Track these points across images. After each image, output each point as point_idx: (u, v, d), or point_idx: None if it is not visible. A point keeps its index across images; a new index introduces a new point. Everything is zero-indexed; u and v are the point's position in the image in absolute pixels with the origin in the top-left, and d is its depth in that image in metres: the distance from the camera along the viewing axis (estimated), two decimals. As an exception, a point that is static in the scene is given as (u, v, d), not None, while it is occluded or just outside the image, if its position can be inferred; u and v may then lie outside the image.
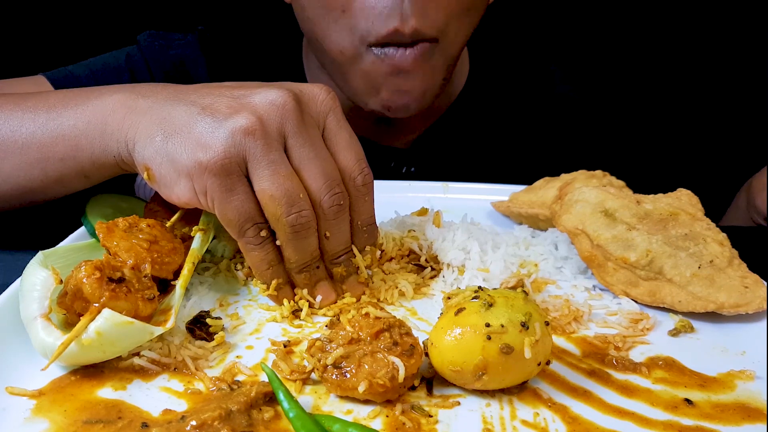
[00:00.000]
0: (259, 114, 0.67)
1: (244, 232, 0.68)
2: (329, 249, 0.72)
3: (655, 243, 0.74)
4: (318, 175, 0.69)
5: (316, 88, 0.74)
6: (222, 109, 0.68)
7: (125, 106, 0.73)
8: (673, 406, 0.57)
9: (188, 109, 0.69)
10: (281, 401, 0.54)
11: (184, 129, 0.67)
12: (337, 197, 0.69)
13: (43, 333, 0.58)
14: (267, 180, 0.66)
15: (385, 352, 0.57)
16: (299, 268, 0.72)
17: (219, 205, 0.67)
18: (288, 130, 0.69)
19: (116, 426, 0.53)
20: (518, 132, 1.33)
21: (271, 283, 0.72)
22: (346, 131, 0.74)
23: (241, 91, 0.70)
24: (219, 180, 0.66)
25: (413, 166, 1.29)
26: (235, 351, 0.65)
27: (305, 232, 0.69)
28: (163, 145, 0.68)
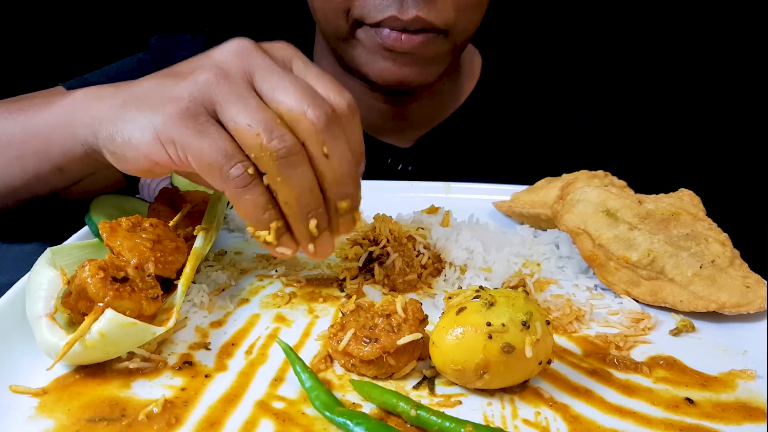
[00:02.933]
0: (220, 62, 0.65)
1: (227, 173, 0.61)
2: (335, 171, 0.63)
3: (657, 243, 0.75)
4: (293, 95, 0.62)
5: (279, 43, 0.71)
6: (182, 71, 0.66)
7: (92, 94, 0.74)
8: (674, 406, 0.57)
9: (149, 81, 0.68)
10: (298, 373, 0.57)
11: (146, 95, 0.65)
12: (321, 107, 0.62)
13: (48, 332, 0.58)
14: (238, 114, 0.61)
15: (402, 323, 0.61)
16: (303, 211, 0.63)
17: (193, 152, 0.61)
18: (253, 68, 0.64)
19: (120, 424, 0.53)
20: (521, 136, 1.33)
21: (270, 228, 0.63)
22: (315, 68, 0.69)
23: (201, 55, 0.68)
24: (186, 123, 0.61)
25: (411, 164, 1.29)
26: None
27: (294, 158, 0.61)
28: (124, 112, 0.66)
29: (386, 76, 1.08)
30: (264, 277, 0.80)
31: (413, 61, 1.06)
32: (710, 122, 1.93)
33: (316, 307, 0.74)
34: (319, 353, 0.64)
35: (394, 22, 1.00)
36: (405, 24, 1.00)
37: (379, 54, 1.05)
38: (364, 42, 1.06)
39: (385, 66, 1.07)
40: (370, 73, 1.09)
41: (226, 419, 0.54)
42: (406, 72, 1.07)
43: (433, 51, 1.05)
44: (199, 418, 0.54)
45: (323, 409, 0.54)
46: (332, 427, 0.53)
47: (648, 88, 1.94)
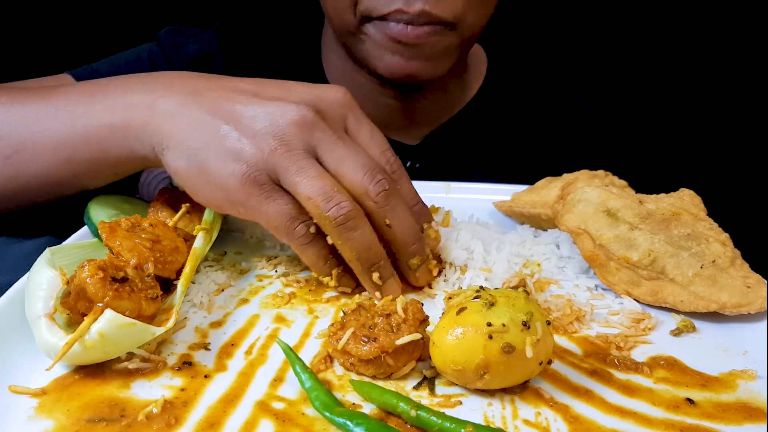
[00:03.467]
0: (283, 133, 0.70)
1: (292, 232, 0.70)
2: (398, 238, 0.72)
3: (658, 243, 0.74)
4: (356, 168, 0.70)
5: (333, 91, 0.76)
6: (248, 123, 0.70)
7: (145, 108, 0.76)
8: (675, 406, 0.57)
9: (213, 121, 0.71)
10: (297, 373, 0.57)
11: (213, 142, 0.70)
12: (381, 183, 0.70)
13: (47, 333, 0.58)
14: (299, 185, 0.68)
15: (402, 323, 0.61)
16: (363, 266, 0.71)
17: (261, 214, 0.69)
18: (314, 142, 0.71)
19: (120, 424, 0.53)
20: (527, 135, 1.33)
21: (331, 275, 0.73)
22: (367, 126, 0.77)
23: (264, 104, 0.72)
24: (254, 190, 0.68)
25: (419, 162, 1.29)
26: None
27: (352, 222, 0.68)
28: (195, 158, 0.71)
29: (394, 70, 1.08)
30: (264, 277, 0.80)
31: (421, 55, 1.06)
32: (710, 122, 1.93)
33: (316, 307, 0.74)
34: (319, 353, 0.64)
35: (400, 15, 1.00)
36: (411, 17, 1.00)
37: (387, 47, 1.06)
38: (372, 35, 1.06)
39: (393, 59, 1.07)
40: (379, 66, 1.09)
41: (225, 420, 0.54)
42: (414, 65, 1.07)
43: (441, 44, 1.05)
44: (198, 419, 0.54)
45: (323, 410, 0.54)
46: (332, 427, 0.53)
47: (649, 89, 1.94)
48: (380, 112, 1.24)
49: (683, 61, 1.94)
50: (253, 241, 0.90)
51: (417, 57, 1.06)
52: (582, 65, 1.78)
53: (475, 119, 1.31)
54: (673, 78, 1.95)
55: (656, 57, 1.95)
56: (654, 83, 1.95)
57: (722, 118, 1.93)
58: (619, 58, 1.93)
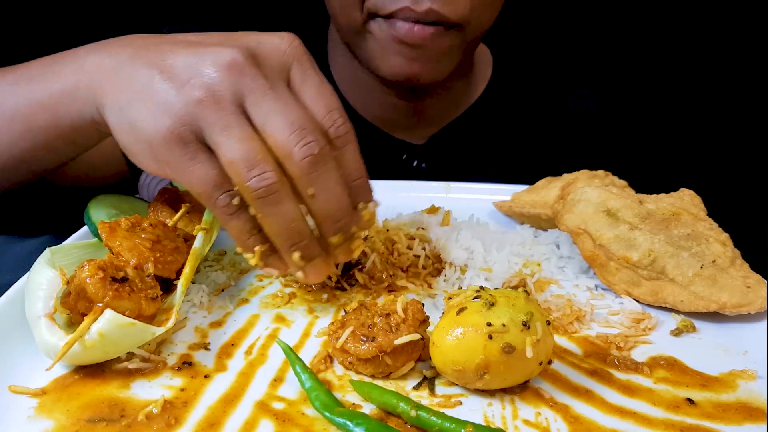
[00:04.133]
0: (212, 81, 0.62)
1: (215, 201, 0.63)
2: (320, 210, 0.64)
3: (658, 243, 0.74)
4: (282, 126, 0.61)
5: (277, 38, 0.68)
6: (178, 72, 0.64)
7: (94, 66, 0.72)
8: (675, 406, 0.57)
9: (149, 72, 0.65)
10: (297, 373, 0.57)
11: (143, 95, 0.65)
12: (309, 146, 0.61)
13: (47, 333, 0.58)
14: (223, 146, 0.61)
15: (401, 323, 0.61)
16: (284, 244, 0.64)
17: (182, 176, 0.63)
18: (244, 89, 0.63)
19: (119, 424, 0.53)
20: (532, 135, 1.33)
21: (255, 251, 0.65)
22: (314, 80, 0.67)
23: (197, 51, 0.65)
24: (177, 150, 0.62)
25: (425, 161, 1.29)
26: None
27: (273, 196, 0.61)
28: (125, 113, 0.66)
29: (396, 71, 1.08)
30: (264, 277, 0.80)
31: (423, 56, 1.06)
32: (711, 122, 1.93)
33: (316, 307, 0.74)
34: (319, 353, 0.64)
35: (407, 13, 1.00)
36: (419, 15, 1.00)
37: (391, 48, 1.06)
38: (376, 35, 1.06)
39: (396, 61, 1.07)
40: (381, 67, 1.09)
41: (225, 420, 0.54)
42: (416, 68, 1.07)
43: (445, 44, 1.05)
44: (198, 419, 0.54)
45: (323, 410, 0.54)
46: (332, 427, 0.53)
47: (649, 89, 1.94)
48: (386, 112, 1.25)
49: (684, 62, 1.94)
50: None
51: (419, 59, 1.06)
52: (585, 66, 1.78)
53: (480, 119, 1.31)
54: (673, 78, 1.95)
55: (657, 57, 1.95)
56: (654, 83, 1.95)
57: (722, 118, 1.93)
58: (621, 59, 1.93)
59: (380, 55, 1.08)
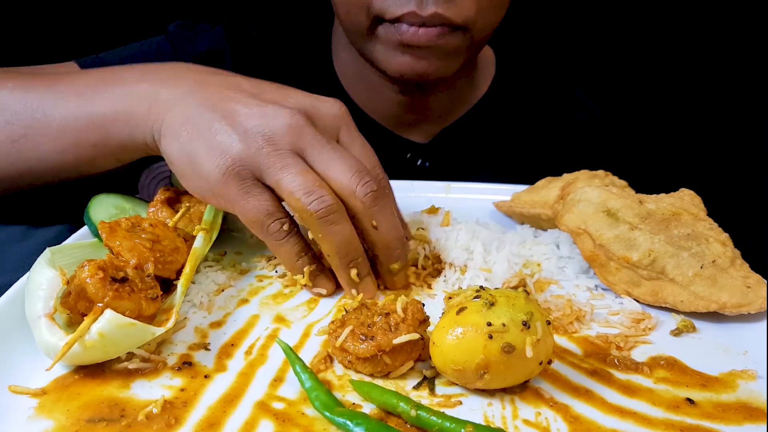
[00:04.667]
0: (272, 135, 0.71)
1: (267, 228, 0.71)
2: (383, 241, 0.73)
3: (658, 243, 0.74)
4: (344, 170, 0.70)
5: (329, 103, 0.77)
6: (241, 121, 0.72)
7: (149, 97, 0.78)
8: (675, 406, 0.57)
9: (210, 115, 0.73)
10: (297, 373, 0.58)
11: (206, 134, 0.72)
12: (369, 184, 0.70)
13: (47, 333, 0.58)
14: (282, 180, 0.69)
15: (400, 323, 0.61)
16: (342, 261, 0.72)
17: (238, 208, 0.71)
18: (303, 145, 0.71)
19: (119, 424, 0.53)
20: (535, 134, 1.34)
21: (305, 272, 0.74)
22: (359, 140, 0.77)
23: (258, 106, 0.73)
24: (234, 184, 0.70)
25: (428, 160, 1.29)
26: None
27: (333, 216, 0.69)
28: (187, 146, 0.72)
29: (404, 70, 1.09)
30: (264, 278, 0.80)
31: (431, 54, 1.06)
32: (711, 122, 1.93)
33: (316, 306, 0.74)
34: (319, 353, 0.64)
35: (413, 18, 1.01)
36: (424, 19, 1.01)
37: (398, 50, 1.06)
38: (382, 39, 1.07)
39: (404, 59, 1.07)
40: (389, 69, 1.10)
41: (225, 420, 0.54)
42: (425, 65, 1.08)
43: (451, 45, 1.06)
44: (198, 419, 0.54)
45: (323, 410, 0.54)
46: (332, 427, 0.53)
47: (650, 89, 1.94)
48: (390, 110, 1.25)
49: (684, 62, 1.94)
50: (253, 241, 0.90)
51: (427, 57, 1.07)
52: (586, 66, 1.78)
53: (484, 118, 1.31)
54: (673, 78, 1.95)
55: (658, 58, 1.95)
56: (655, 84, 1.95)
57: (722, 118, 1.93)
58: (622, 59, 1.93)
59: (387, 56, 1.09)
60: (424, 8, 0.99)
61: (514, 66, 1.36)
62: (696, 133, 1.92)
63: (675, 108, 1.93)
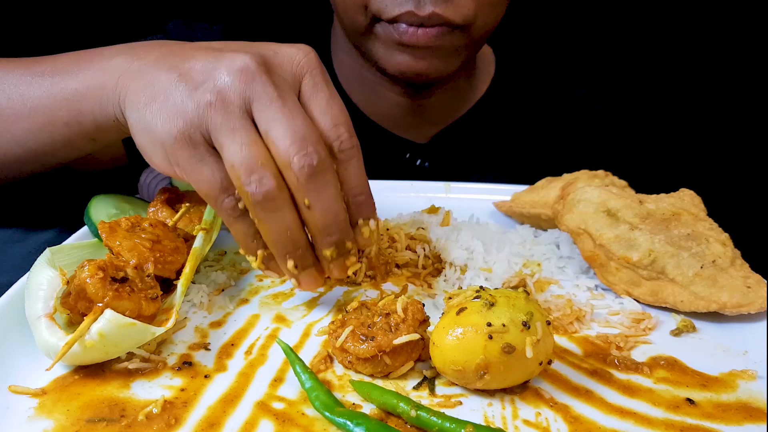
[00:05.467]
0: (223, 85, 0.64)
1: (221, 203, 0.64)
2: (314, 222, 0.64)
3: (658, 243, 0.74)
4: (284, 135, 0.62)
5: (294, 49, 0.69)
6: (195, 76, 0.65)
7: (121, 68, 0.74)
8: (675, 406, 0.57)
9: (168, 75, 0.67)
10: (297, 373, 0.58)
11: (161, 96, 0.66)
12: (307, 157, 0.61)
13: (47, 333, 0.58)
14: (227, 149, 0.62)
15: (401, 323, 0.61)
16: (279, 251, 0.65)
17: (191, 177, 0.65)
18: (254, 95, 0.63)
19: (119, 424, 0.53)
20: (535, 134, 1.34)
21: (257, 254, 0.67)
22: (324, 93, 0.67)
23: (215, 56, 0.67)
24: (187, 152, 0.64)
25: (428, 160, 1.29)
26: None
27: (271, 203, 0.62)
28: (143, 113, 0.67)
29: (404, 69, 1.09)
30: (264, 277, 0.80)
31: (430, 54, 1.07)
32: (711, 122, 1.93)
33: (316, 306, 0.74)
34: (319, 353, 0.64)
35: (410, 18, 1.01)
36: (422, 19, 1.01)
37: (396, 49, 1.06)
38: (381, 37, 1.07)
39: (403, 58, 1.07)
40: (388, 67, 1.10)
41: (225, 420, 0.54)
42: (424, 64, 1.08)
43: (450, 44, 1.06)
44: (198, 419, 0.54)
45: (323, 410, 0.54)
46: (332, 427, 0.53)
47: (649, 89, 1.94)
48: (390, 110, 1.25)
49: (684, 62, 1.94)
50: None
51: (426, 56, 1.07)
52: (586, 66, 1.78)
53: (483, 118, 1.31)
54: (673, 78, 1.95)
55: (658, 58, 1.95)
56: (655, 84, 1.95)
57: (722, 118, 1.92)
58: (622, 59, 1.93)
59: (386, 55, 1.09)
60: (422, 8, 0.99)
61: (514, 65, 1.36)
62: (696, 133, 1.92)
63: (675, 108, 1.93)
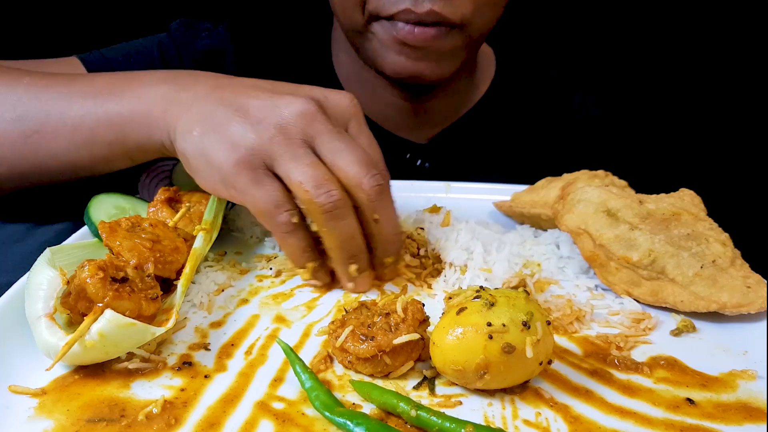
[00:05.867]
0: (285, 123, 0.72)
1: (275, 219, 0.71)
2: (382, 234, 0.74)
3: (658, 243, 0.74)
4: (353, 161, 0.71)
5: (340, 95, 0.78)
6: (254, 113, 0.73)
7: (168, 98, 0.80)
8: (675, 406, 0.57)
9: (225, 110, 0.74)
10: (298, 373, 0.58)
11: (220, 128, 0.73)
12: (376, 177, 0.71)
13: (47, 333, 0.58)
14: (292, 170, 0.70)
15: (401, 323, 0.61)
16: (343, 256, 0.73)
17: (249, 196, 0.71)
18: (313, 133, 0.72)
19: (119, 424, 0.53)
20: (535, 135, 1.34)
21: (307, 267, 0.75)
22: (367, 134, 0.78)
23: (272, 97, 0.74)
24: (246, 173, 0.70)
25: (428, 161, 1.29)
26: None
27: (339, 211, 0.70)
28: (200, 140, 0.74)
29: (400, 70, 1.08)
30: (264, 278, 0.80)
31: (427, 56, 1.06)
32: (711, 122, 1.93)
33: (316, 306, 0.74)
34: (319, 353, 0.64)
35: (408, 15, 1.00)
36: (419, 17, 1.00)
37: (393, 48, 1.06)
38: (378, 35, 1.06)
39: (399, 59, 1.07)
40: (385, 66, 1.10)
41: (225, 420, 0.54)
42: (421, 66, 1.07)
43: (447, 45, 1.05)
44: (198, 419, 0.54)
45: (323, 410, 0.54)
46: (332, 427, 0.53)
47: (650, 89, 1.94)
48: (390, 111, 1.25)
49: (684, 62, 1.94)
50: (253, 241, 0.90)
51: (423, 58, 1.06)
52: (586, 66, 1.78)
53: (483, 119, 1.31)
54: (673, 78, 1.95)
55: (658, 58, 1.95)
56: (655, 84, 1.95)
57: (722, 118, 1.93)
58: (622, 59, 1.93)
59: (383, 54, 1.08)
60: (420, 5, 0.99)
61: (514, 66, 1.36)
62: (696, 133, 1.92)
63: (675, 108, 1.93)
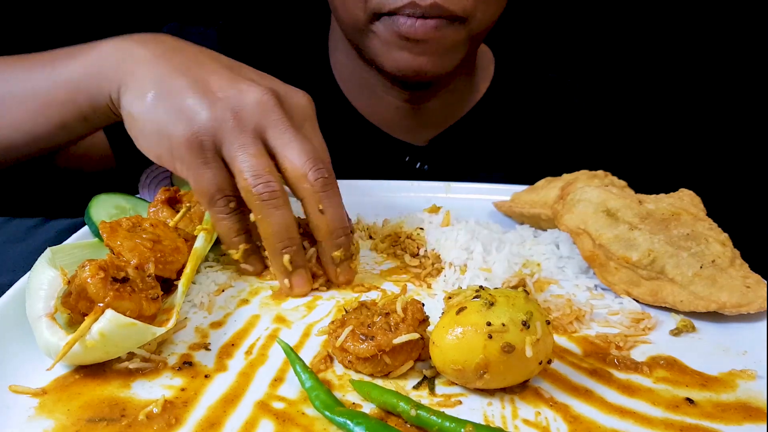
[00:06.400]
0: (241, 108, 0.73)
1: (215, 202, 0.73)
2: (328, 225, 0.74)
3: (657, 243, 0.75)
4: (299, 153, 0.72)
5: (300, 94, 0.80)
6: (213, 90, 0.74)
7: (121, 50, 0.80)
8: (675, 406, 0.57)
9: (182, 79, 0.74)
10: (298, 373, 0.58)
11: (176, 97, 0.73)
12: (321, 170, 0.72)
13: (48, 333, 0.58)
14: (238, 159, 0.71)
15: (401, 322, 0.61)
16: (277, 245, 0.73)
17: (193, 175, 0.73)
18: (267, 123, 0.73)
19: (120, 424, 0.53)
20: (534, 136, 1.34)
21: (239, 248, 0.76)
22: (319, 138, 0.80)
23: (234, 79, 0.75)
24: (195, 152, 0.72)
25: (427, 163, 1.29)
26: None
27: (274, 201, 0.71)
28: (153, 105, 0.74)
29: (402, 66, 1.08)
30: (264, 278, 0.80)
31: (429, 50, 1.06)
32: (710, 122, 1.93)
33: (316, 307, 0.74)
34: (319, 353, 0.64)
35: (412, 8, 1.00)
36: (423, 10, 1.00)
37: (395, 44, 1.06)
38: (380, 33, 1.06)
39: (401, 55, 1.07)
40: (386, 64, 1.10)
41: (226, 420, 0.54)
42: (422, 61, 1.07)
43: (449, 38, 1.05)
44: (198, 419, 0.54)
45: (323, 409, 0.54)
46: (332, 427, 0.53)
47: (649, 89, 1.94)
48: (389, 113, 1.24)
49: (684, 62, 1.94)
50: (254, 241, 0.90)
51: (425, 53, 1.06)
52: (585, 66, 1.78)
53: (482, 121, 1.31)
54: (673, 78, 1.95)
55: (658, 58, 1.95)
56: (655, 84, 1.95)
57: (722, 118, 1.92)
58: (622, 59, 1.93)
59: (385, 51, 1.08)
60: None
61: (513, 67, 1.36)
62: (696, 133, 1.92)
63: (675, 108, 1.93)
